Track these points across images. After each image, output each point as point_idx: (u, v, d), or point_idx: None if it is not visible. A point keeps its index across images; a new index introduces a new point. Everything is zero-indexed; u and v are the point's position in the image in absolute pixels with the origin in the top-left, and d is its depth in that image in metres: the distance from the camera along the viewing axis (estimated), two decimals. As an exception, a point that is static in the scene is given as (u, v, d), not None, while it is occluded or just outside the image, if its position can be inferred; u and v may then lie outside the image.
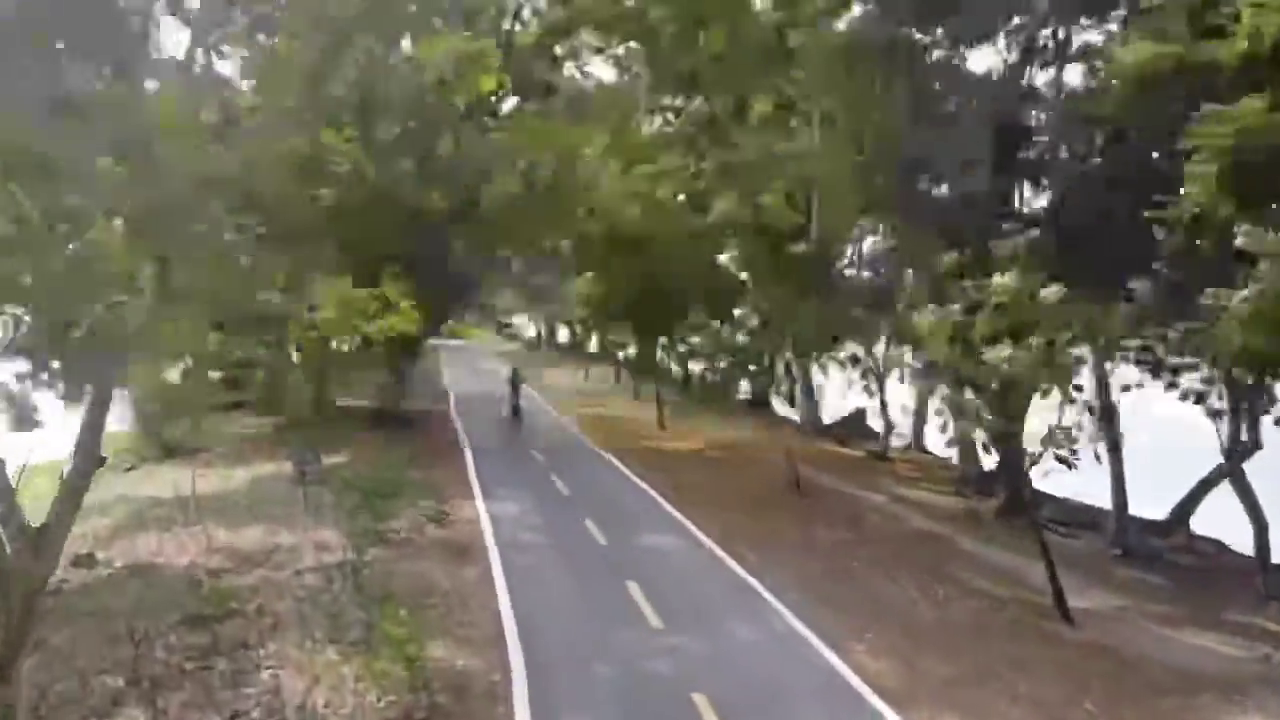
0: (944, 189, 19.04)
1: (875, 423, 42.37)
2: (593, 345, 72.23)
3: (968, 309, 14.40)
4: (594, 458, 27.96)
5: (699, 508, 21.35)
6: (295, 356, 32.72)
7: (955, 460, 35.09)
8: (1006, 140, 16.47)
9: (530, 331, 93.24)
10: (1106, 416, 17.55)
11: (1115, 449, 17.93)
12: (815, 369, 35.23)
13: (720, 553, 17.38)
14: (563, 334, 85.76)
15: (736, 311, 47.39)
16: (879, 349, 30.72)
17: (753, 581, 15.69)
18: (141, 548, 18.34)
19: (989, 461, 27.57)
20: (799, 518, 20.86)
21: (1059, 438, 13.82)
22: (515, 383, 36.75)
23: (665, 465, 27.10)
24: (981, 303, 14.13)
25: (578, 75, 50.92)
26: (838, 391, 42.10)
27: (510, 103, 32.88)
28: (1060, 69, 17.87)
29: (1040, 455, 14.37)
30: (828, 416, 40.12)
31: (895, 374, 18.21)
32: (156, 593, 15.47)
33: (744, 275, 45.13)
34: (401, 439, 31.14)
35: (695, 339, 23.09)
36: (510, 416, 35.53)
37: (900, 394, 34.67)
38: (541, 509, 20.72)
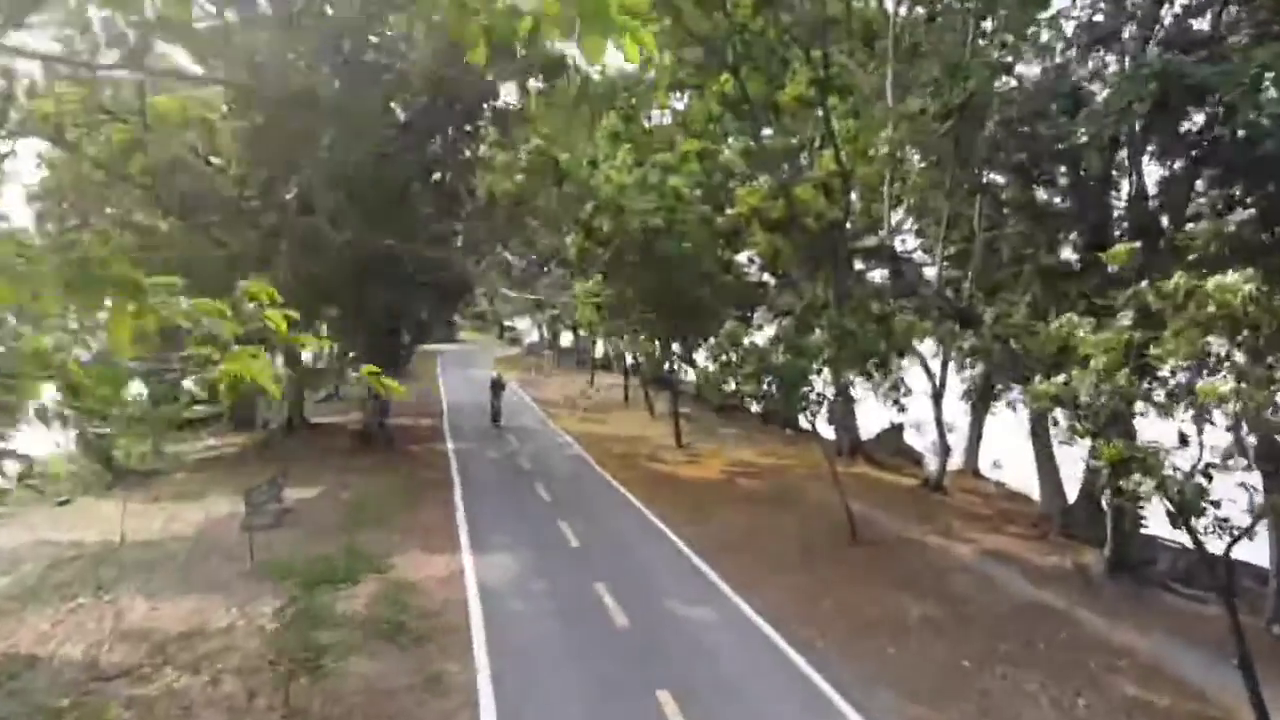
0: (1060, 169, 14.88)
1: (912, 439, 38.39)
2: (599, 351, 68.18)
3: (1138, 320, 10.26)
4: (607, 492, 23.84)
5: (739, 565, 17.25)
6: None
7: (1012, 484, 31.07)
8: (1165, 101, 12.45)
9: (535, 336, 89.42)
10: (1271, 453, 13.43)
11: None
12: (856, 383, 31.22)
13: (779, 641, 13.25)
14: (567, 339, 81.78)
15: (756, 316, 43.56)
16: (935, 362, 26.58)
17: (832, 694, 11.55)
18: (30, 627, 14.25)
19: (1071, 492, 23.47)
20: (867, 580, 16.72)
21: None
22: (496, 388, 36.63)
23: (690, 500, 22.98)
24: (1160, 312, 9.99)
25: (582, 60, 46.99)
26: (869, 405, 38.29)
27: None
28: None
29: (1245, 530, 10.22)
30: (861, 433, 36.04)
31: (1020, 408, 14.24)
32: (18, 707, 11.41)
33: (766, 276, 41.24)
34: (385, 465, 27.09)
35: (727, 354, 18.87)
36: (491, 422, 35.48)
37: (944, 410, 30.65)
38: (544, 568, 16.60)
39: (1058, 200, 16.41)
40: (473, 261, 31.05)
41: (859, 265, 35.10)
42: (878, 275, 37.03)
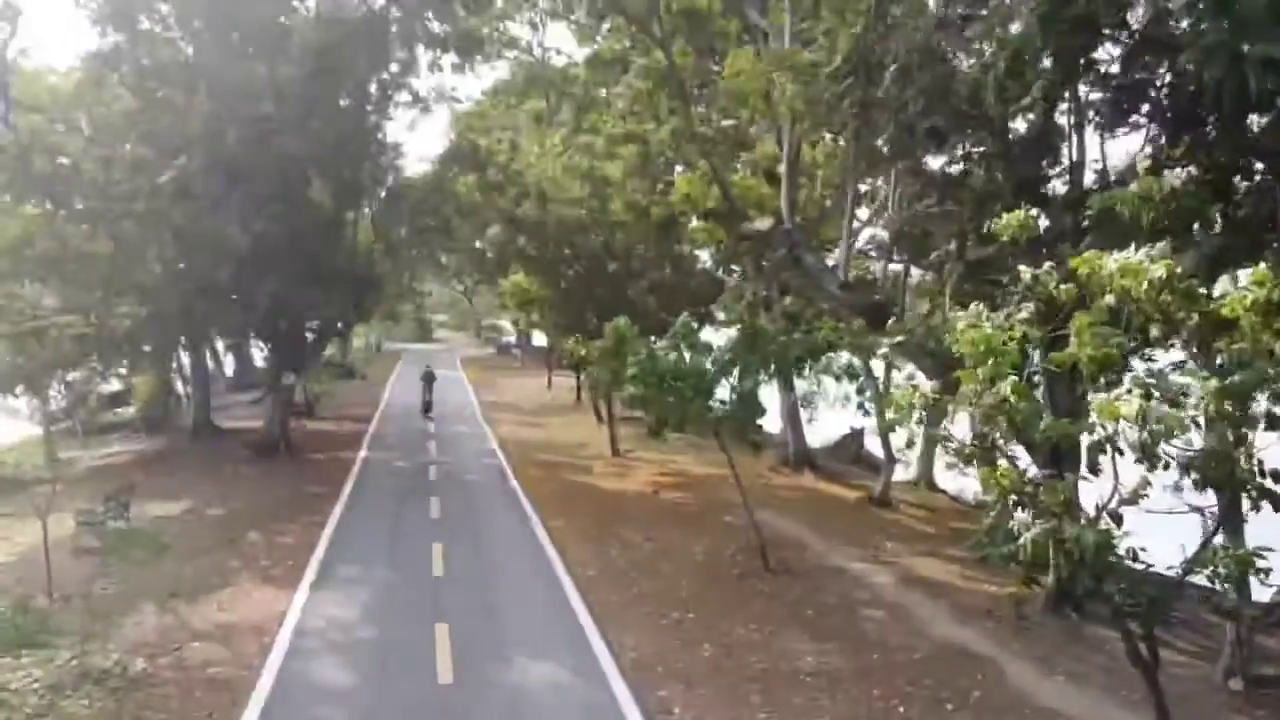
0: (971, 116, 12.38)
1: (875, 445, 36.03)
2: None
3: (1043, 312, 7.97)
4: (508, 508, 21.48)
5: (622, 599, 14.97)
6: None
7: (971, 496, 28.72)
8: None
9: (513, 334, 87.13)
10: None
11: (1239, 528, 11.32)
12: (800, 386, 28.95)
13: (629, 705, 10.91)
14: (539, 338, 79.39)
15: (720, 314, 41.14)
16: (877, 363, 24.29)
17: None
18: None
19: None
20: (765, 618, 14.39)
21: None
22: (428, 380, 37.62)
23: (598, 519, 20.65)
24: (1060, 306, 7.72)
25: (534, 44, 44.75)
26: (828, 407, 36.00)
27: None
28: None
29: (1175, 587, 7.90)
30: (818, 438, 33.67)
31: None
32: None
33: (723, 272, 38.91)
34: (275, 476, 24.71)
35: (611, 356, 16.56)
36: (423, 414, 36.46)
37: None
38: (389, 605, 14.26)
39: (986, 172, 14.03)
40: (382, 254, 28.60)
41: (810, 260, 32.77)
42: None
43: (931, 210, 14.32)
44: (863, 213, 30.57)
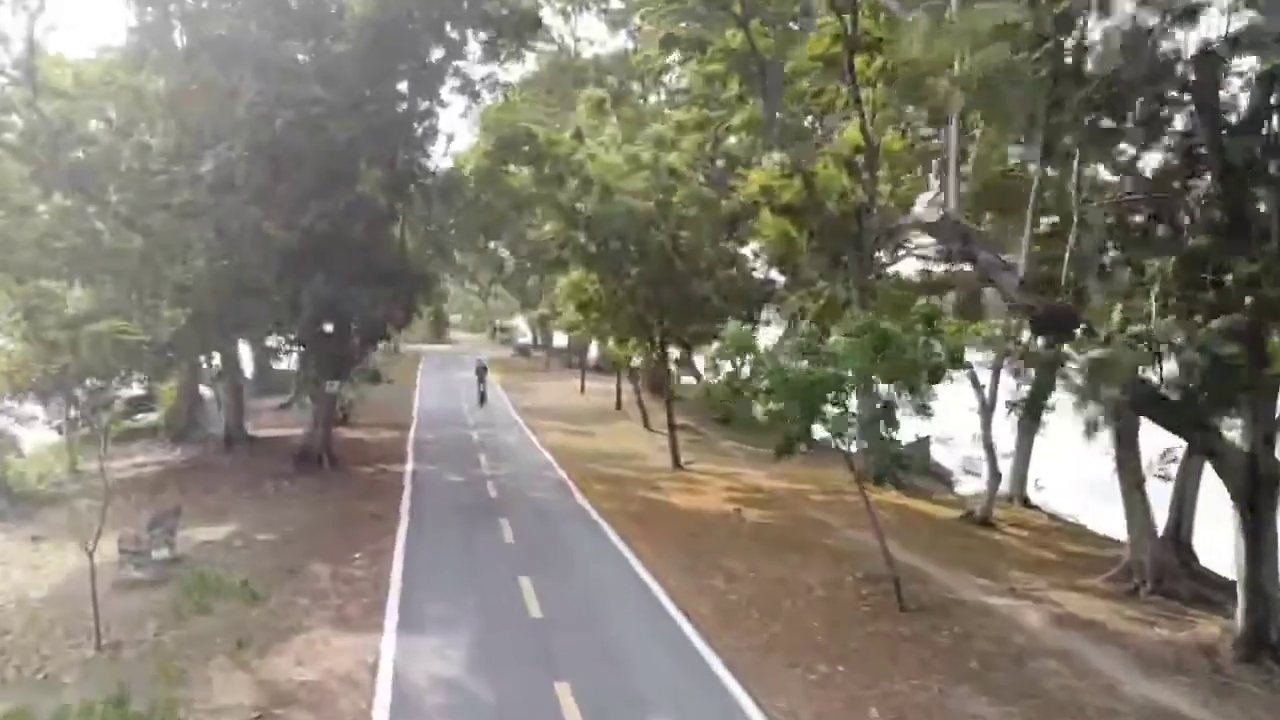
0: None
1: (942, 454, 34.08)
2: (594, 352, 63.82)
3: None
4: (586, 532, 19.51)
5: (754, 647, 13.00)
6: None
7: (1062, 511, 26.66)
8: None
9: (529, 335, 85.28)
10: None
11: None
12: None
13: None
14: (560, 339, 77.43)
15: (765, 316, 39.20)
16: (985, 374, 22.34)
17: None
18: None
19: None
20: (922, 670, 12.41)
21: None
22: (481, 373, 41.88)
23: (687, 543, 18.72)
24: None
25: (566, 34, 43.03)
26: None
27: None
28: None
29: None
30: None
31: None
32: None
33: (774, 273, 36.98)
34: (323, 492, 22.77)
35: (733, 363, 14.70)
36: (478, 404, 40.32)
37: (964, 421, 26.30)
38: (493, 658, 12.24)
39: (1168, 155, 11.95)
40: (432, 251, 26.62)
41: (882, 258, 30.78)
42: (904, 268, 32.83)
43: (1120, 202, 12.32)
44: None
